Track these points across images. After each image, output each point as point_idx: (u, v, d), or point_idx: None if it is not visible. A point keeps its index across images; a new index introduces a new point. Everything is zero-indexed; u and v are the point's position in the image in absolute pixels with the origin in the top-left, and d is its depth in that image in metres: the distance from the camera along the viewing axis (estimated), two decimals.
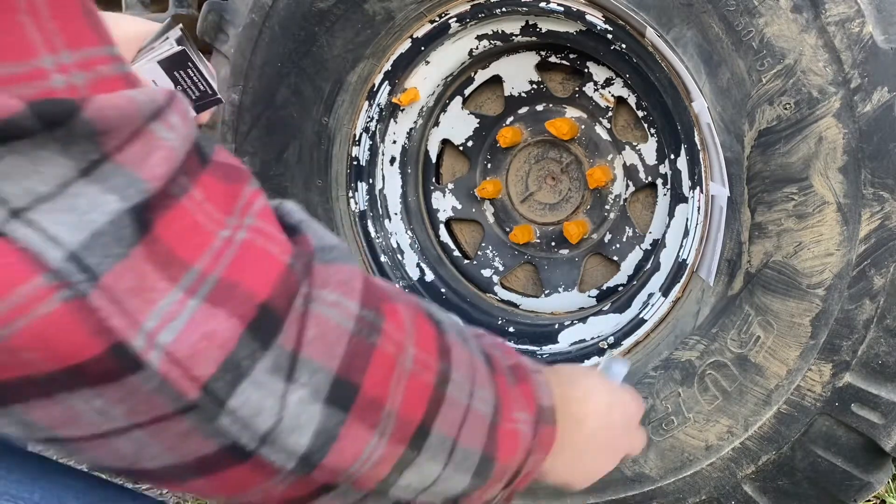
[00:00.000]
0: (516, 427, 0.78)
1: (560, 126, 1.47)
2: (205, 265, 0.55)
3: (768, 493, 1.26)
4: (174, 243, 0.54)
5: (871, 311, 1.14)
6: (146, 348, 0.52)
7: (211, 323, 0.55)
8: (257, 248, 0.59)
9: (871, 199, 1.12)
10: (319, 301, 0.61)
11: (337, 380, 0.61)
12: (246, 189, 0.61)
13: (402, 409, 0.66)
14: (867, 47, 1.09)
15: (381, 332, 0.64)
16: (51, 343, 0.50)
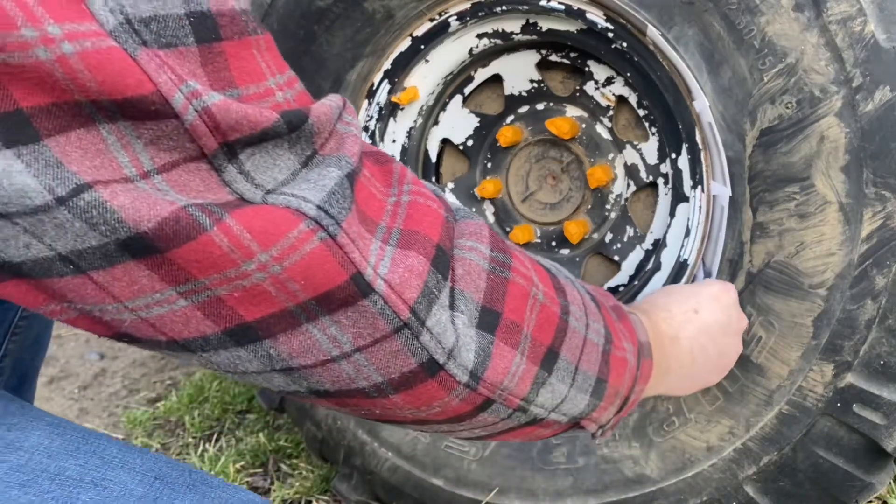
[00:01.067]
0: (624, 355, 0.91)
1: (561, 125, 1.47)
2: (387, 222, 0.70)
3: (770, 494, 1.26)
4: (364, 206, 0.68)
5: (873, 311, 1.14)
6: (374, 277, 0.65)
7: (408, 259, 0.68)
8: (421, 205, 0.74)
9: (873, 198, 1.12)
10: (460, 247, 0.75)
11: (483, 308, 0.74)
12: (395, 166, 0.78)
13: (535, 332, 0.79)
14: (869, 46, 1.09)
15: (510, 269, 0.78)
16: (311, 273, 0.62)
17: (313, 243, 0.62)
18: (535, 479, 1.38)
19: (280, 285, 0.62)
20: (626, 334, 0.93)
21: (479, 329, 0.73)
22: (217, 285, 0.61)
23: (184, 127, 0.57)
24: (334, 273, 0.63)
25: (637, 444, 1.31)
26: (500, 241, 0.80)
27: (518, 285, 0.78)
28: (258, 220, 0.60)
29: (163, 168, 0.59)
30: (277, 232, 0.60)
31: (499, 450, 1.40)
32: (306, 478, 1.74)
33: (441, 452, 1.43)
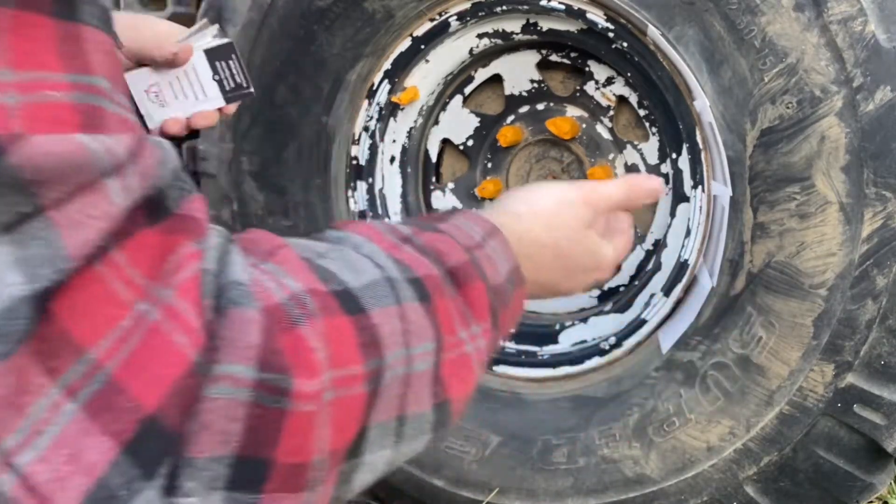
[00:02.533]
0: (462, 351, 0.71)
1: (561, 125, 1.47)
2: (102, 352, 0.45)
3: (770, 494, 1.26)
4: (71, 323, 0.44)
5: (873, 311, 1.14)
6: (1, 467, 0.43)
7: (82, 441, 0.44)
8: (162, 338, 0.47)
9: (874, 198, 1.12)
10: (214, 379, 0.49)
11: (239, 461, 0.50)
12: (185, 247, 0.50)
13: (332, 446, 0.57)
14: (869, 46, 1.09)
15: (290, 395, 0.53)
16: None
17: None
18: (535, 479, 1.38)
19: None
20: (465, 314, 0.72)
21: (230, 492, 0.50)
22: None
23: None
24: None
25: (637, 444, 1.31)
26: (287, 337, 0.54)
27: (300, 414, 0.53)
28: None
29: None
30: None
31: (499, 450, 1.40)
32: None
33: (441, 453, 1.43)
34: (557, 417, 1.38)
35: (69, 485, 0.44)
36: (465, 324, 0.72)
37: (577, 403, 1.37)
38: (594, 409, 1.35)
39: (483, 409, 1.42)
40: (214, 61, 1.08)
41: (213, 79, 1.08)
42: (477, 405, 1.43)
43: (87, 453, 0.44)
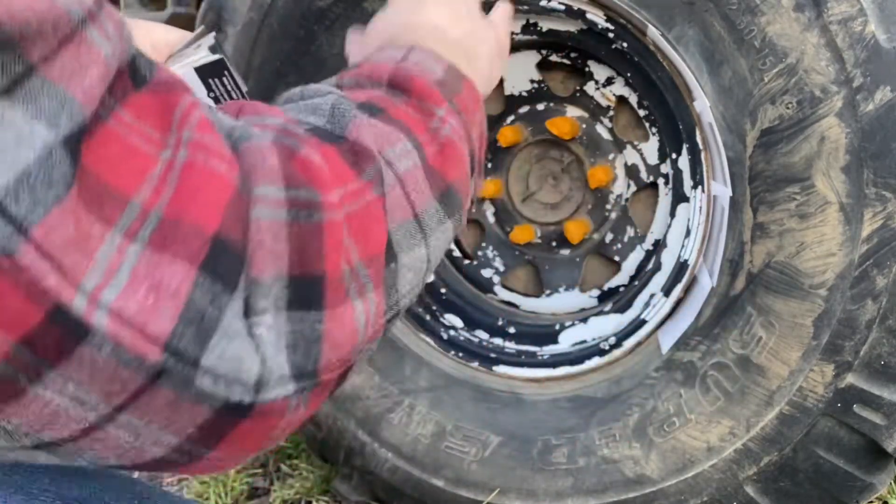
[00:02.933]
0: (440, 139, 0.73)
1: (561, 125, 1.47)
2: (145, 197, 0.47)
3: (770, 494, 1.26)
4: (107, 174, 0.46)
5: (873, 311, 1.14)
6: (90, 310, 0.45)
7: (159, 271, 0.47)
8: (200, 168, 0.50)
9: (874, 198, 1.12)
10: (254, 201, 0.53)
11: (293, 280, 0.53)
12: (184, 99, 0.52)
13: (364, 254, 0.60)
14: (869, 46, 1.09)
15: (321, 207, 0.56)
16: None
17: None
18: (535, 479, 1.38)
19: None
20: (425, 106, 0.74)
21: (293, 311, 0.53)
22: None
23: None
24: (23, 309, 0.44)
25: (637, 444, 1.31)
26: (296, 160, 0.57)
27: (333, 223, 0.56)
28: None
29: None
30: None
31: (499, 450, 1.40)
32: (306, 478, 1.73)
33: (441, 453, 1.43)
34: (557, 417, 1.38)
35: (159, 311, 0.47)
36: (427, 114, 0.73)
37: (577, 403, 1.37)
38: (594, 410, 1.35)
39: (483, 409, 1.42)
40: (207, 79, 1.02)
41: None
42: (477, 405, 1.43)
43: (168, 280, 0.47)
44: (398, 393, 1.46)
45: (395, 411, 1.46)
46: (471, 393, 1.44)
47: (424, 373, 1.46)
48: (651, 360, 1.31)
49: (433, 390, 1.45)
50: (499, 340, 1.50)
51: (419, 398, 1.45)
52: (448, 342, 1.48)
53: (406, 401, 1.46)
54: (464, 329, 1.51)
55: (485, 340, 1.50)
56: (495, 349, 1.48)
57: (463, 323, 1.52)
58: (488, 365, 1.45)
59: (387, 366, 1.47)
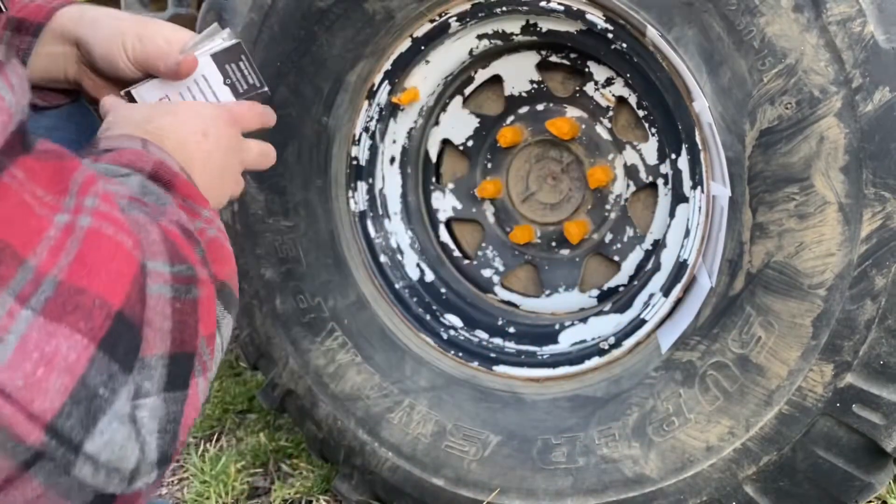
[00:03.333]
0: (208, 237, 0.68)
1: (561, 126, 1.47)
2: (41, 260, 0.44)
3: (769, 494, 1.26)
4: (2, 232, 0.43)
5: (872, 311, 1.14)
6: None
7: (53, 342, 0.43)
8: (105, 237, 0.48)
9: (873, 198, 1.12)
10: (147, 276, 0.50)
11: (171, 360, 0.51)
12: (80, 169, 0.50)
13: (207, 332, 0.58)
14: (868, 47, 1.09)
15: (196, 282, 0.55)
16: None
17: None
18: (535, 479, 1.38)
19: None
20: (193, 206, 0.71)
21: (168, 392, 0.51)
22: None
23: None
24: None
25: (637, 444, 1.31)
26: (176, 233, 0.57)
27: (205, 298, 0.56)
28: None
29: None
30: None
31: (499, 449, 1.40)
32: (307, 478, 1.74)
33: (441, 452, 1.44)
34: (557, 417, 1.38)
35: (48, 386, 0.43)
36: (194, 215, 0.70)
37: (576, 403, 1.37)
38: (594, 409, 1.35)
39: (483, 409, 1.43)
40: (224, 65, 1.05)
41: (224, 83, 1.05)
42: (477, 405, 1.43)
43: (63, 353, 0.43)
44: (398, 392, 1.46)
45: (396, 411, 1.46)
46: (471, 392, 1.44)
47: (424, 372, 1.46)
48: (650, 359, 1.31)
49: (433, 390, 1.45)
50: (499, 340, 1.50)
51: (419, 398, 1.45)
52: (448, 342, 1.48)
53: (406, 400, 1.46)
54: (464, 329, 1.51)
55: (485, 340, 1.50)
56: (495, 349, 1.48)
57: (463, 323, 1.52)
58: (488, 365, 1.45)
59: (387, 365, 1.48)
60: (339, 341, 1.49)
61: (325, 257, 1.50)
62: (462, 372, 1.46)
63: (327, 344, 1.50)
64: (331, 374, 1.50)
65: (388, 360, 1.48)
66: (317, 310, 1.50)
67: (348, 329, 1.49)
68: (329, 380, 1.50)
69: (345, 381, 1.49)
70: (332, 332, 1.49)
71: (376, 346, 1.48)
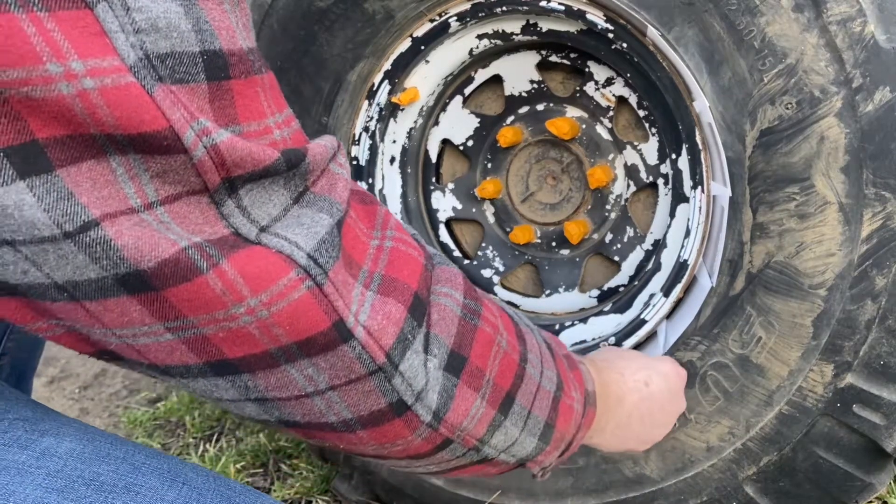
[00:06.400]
0: (572, 403, 0.95)
1: (561, 125, 1.47)
2: (369, 266, 0.73)
3: (769, 494, 1.26)
4: (349, 248, 0.72)
5: (873, 311, 1.14)
6: (355, 324, 0.68)
7: (387, 306, 0.71)
8: (403, 252, 0.78)
9: (873, 199, 1.12)
10: (436, 293, 0.80)
11: (452, 353, 0.77)
12: (379, 210, 0.80)
13: (496, 378, 0.83)
14: (869, 47, 1.09)
15: (480, 317, 0.83)
16: (297, 319, 0.65)
17: (301, 291, 0.65)
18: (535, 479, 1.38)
19: (265, 329, 0.65)
20: (575, 383, 0.97)
21: (446, 372, 0.77)
22: (205, 325, 0.63)
23: (192, 162, 0.59)
24: (318, 320, 0.66)
25: None
26: (473, 289, 0.86)
27: (485, 333, 0.82)
28: (252, 266, 0.63)
29: (166, 200, 0.60)
30: (269, 278, 0.63)
31: None
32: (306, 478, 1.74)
33: None
34: None
35: (388, 332, 0.71)
36: (573, 388, 0.97)
37: None
38: None
39: None
40: None
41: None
42: None
43: (393, 314, 0.71)
44: None
45: None
46: None
47: None
48: None
49: None
50: None
51: None
52: None
53: None
54: None
55: None
56: None
57: None
58: None
59: None
60: None
61: None
62: None
63: None
64: None
65: None
66: None
67: None
68: None
69: None
70: None
71: None
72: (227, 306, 0.62)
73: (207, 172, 0.60)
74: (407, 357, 0.72)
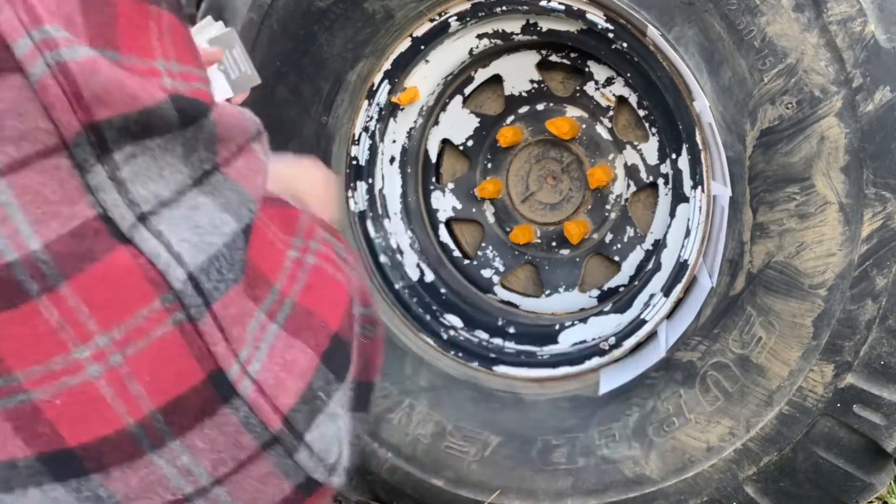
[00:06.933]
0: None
1: (561, 125, 1.47)
2: (282, 285, 0.55)
3: (770, 494, 1.26)
4: (257, 259, 0.54)
5: (873, 311, 1.14)
6: (240, 376, 0.51)
7: (292, 352, 0.55)
8: (327, 275, 0.60)
9: (873, 198, 1.12)
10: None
11: (357, 386, 0.63)
12: (302, 216, 0.63)
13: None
14: (869, 46, 1.09)
15: (374, 323, 0.68)
16: (160, 368, 0.47)
17: (165, 326, 0.47)
18: (535, 479, 1.38)
19: (119, 386, 0.46)
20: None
21: (355, 412, 0.62)
22: (36, 384, 0.45)
23: (32, 89, 0.42)
24: (187, 370, 0.49)
25: (637, 444, 1.31)
26: (363, 284, 0.70)
27: (381, 336, 0.70)
28: (104, 287, 0.45)
29: (8, 169, 0.44)
30: (125, 307, 0.46)
31: (499, 450, 1.40)
32: None
33: (441, 453, 1.43)
34: (557, 418, 1.38)
35: (288, 387, 0.53)
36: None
37: (576, 403, 1.37)
38: (594, 410, 1.35)
39: (483, 409, 1.42)
40: None
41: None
42: (477, 405, 1.43)
43: (298, 362, 0.54)
44: (398, 393, 1.46)
45: (395, 411, 1.46)
46: (471, 393, 1.44)
47: (424, 373, 1.46)
48: None
49: (433, 390, 1.45)
50: (499, 340, 1.50)
51: (419, 398, 1.45)
52: (448, 342, 1.48)
53: (406, 401, 1.46)
54: (464, 329, 1.51)
55: (485, 340, 1.50)
56: (495, 349, 1.48)
57: (463, 323, 1.52)
58: (488, 365, 1.45)
59: (387, 366, 1.47)
60: None
61: None
62: (462, 372, 1.45)
63: None
64: None
65: (388, 360, 1.47)
66: None
67: None
68: None
69: None
70: None
71: None
72: (68, 348, 0.45)
73: (58, 109, 0.43)
74: (316, 423, 0.55)
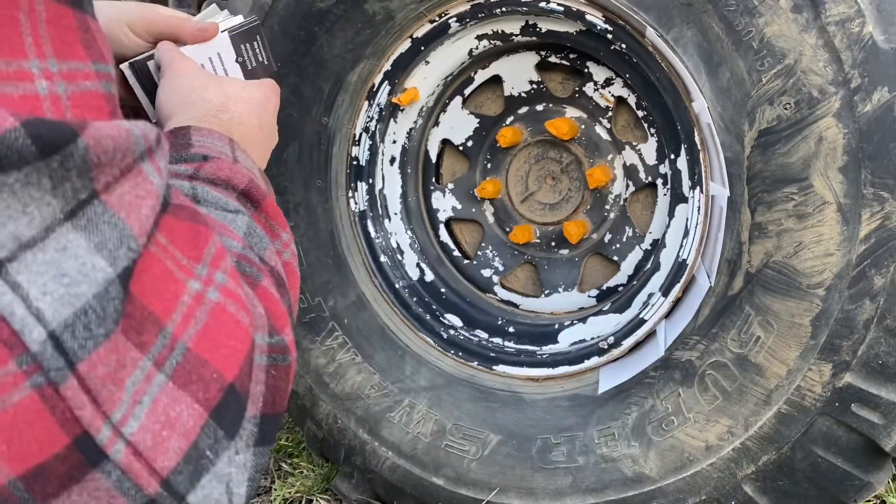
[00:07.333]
0: (286, 255, 0.75)
1: (560, 126, 1.47)
2: (176, 326, 0.50)
3: (768, 493, 1.26)
4: (149, 296, 0.48)
5: (871, 311, 1.14)
6: (112, 439, 0.46)
7: (176, 408, 0.49)
8: (228, 315, 0.54)
9: (872, 198, 1.12)
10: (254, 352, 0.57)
11: (263, 420, 0.57)
12: (214, 238, 0.56)
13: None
14: (867, 47, 1.09)
15: (288, 351, 0.61)
16: (18, 436, 0.44)
17: (23, 391, 0.43)
18: (534, 478, 1.38)
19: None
20: (274, 226, 0.77)
21: (258, 447, 0.57)
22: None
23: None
24: (49, 437, 0.44)
25: (636, 443, 1.31)
26: (267, 300, 0.62)
27: (293, 363, 0.63)
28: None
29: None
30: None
31: (499, 449, 1.41)
32: (307, 477, 1.74)
33: (441, 452, 1.44)
34: (556, 416, 1.38)
35: (168, 447, 0.49)
36: (274, 236, 0.75)
37: (576, 403, 1.38)
38: (593, 409, 1.36)
39: (482, 408, 1.43)
40: (240, 44, 1.06)
41: (235, 61, 1.06)
42: (476, 404, 1.44)
43: (182, 419, 0.49)
44: (398, 392, 1.47)
45: (396, 410, 1.46)
46: (470, 392, 1.44)
47: (424, 372, 1.47)
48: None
49: (433, 389, 1.46)
50: (498, 340, 1.50)
51: (419, 397, 1.46)
52: (448, 341, 1.49)
53: (406, 400, 1.46)
54: (464, 328, 1.52)
55: (484, 340, 1.50)
56: (495, 348, 1.49)
57: (463, 322, 1.53)
58: (488, 364, 1.46)
59: (387, 365, 1.48)
60: (339, 341, 1.50)
61: (326, 257, 1.50)
62: (462, 371, 1.46)
63: (327, 343, 1.50)
64: (331, 373, 1.50)
65: (388, 359, 1.48)
66: (317, 309, 1.50)
67: (348, 329, 1.49)
68: (329, 379, 1.50)
69: (345, 381, 1.49)
70: (333, 331, 1.50)
71: (376, 346, 1.49)
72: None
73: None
74: (202, 484, 0.51)
